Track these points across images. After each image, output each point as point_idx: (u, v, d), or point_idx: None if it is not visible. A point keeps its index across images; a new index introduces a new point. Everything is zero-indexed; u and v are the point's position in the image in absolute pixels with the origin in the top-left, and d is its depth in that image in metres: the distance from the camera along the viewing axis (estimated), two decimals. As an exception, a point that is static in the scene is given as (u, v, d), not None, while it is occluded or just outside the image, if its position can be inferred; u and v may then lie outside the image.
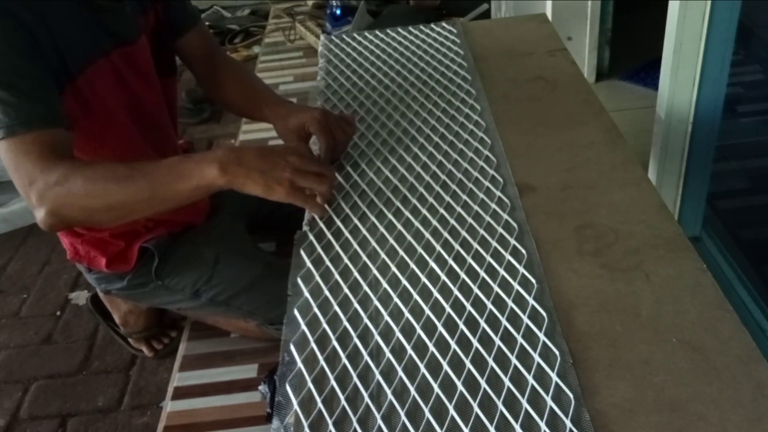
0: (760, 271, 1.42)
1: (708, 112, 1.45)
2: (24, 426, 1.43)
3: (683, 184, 1.57)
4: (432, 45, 1.35)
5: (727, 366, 0.65)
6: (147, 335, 1.52)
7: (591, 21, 2.20)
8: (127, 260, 1.24)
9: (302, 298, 0.79)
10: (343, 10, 2.73)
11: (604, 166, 0.95)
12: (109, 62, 1.06)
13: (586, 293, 0.75)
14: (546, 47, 1.31)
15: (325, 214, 0.92)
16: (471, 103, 1.13)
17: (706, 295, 0.73)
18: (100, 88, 1.05)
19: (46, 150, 0.89)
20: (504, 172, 0.96)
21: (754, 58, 1.63)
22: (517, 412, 0.63)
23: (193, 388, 1.38)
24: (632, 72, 2.35)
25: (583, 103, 1.11)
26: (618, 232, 0.83)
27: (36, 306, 1.75)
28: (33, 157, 0.88)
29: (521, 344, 0.70)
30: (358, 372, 0.69)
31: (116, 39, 1.07)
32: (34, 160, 0.88)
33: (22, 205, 1.99)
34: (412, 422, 0.64)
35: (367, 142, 1.07)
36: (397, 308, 0.76)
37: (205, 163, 0.87)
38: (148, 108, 1.17)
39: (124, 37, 1.08)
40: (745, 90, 1.66)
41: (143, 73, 1.15)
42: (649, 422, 0.61)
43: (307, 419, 0.65)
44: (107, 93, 1.07)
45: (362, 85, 1.24)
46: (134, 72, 1.12)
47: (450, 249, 0.84)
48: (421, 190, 0.95)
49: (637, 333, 0.70)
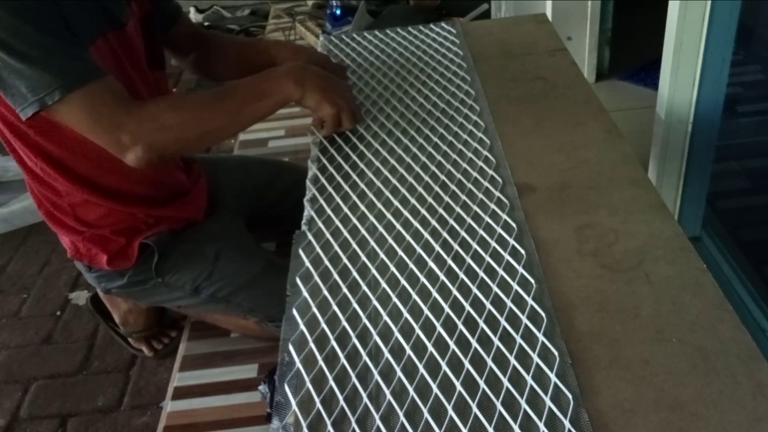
0: (760, 271, 1.42)
1: (708, 112, 1.45)
2: (24, 426, 1.43)
3: (683, 184, 1.56)
4: (432, 45, 1.35)
5: (727, 366, 0.65)
6: (147, 335, 1.52)
7: (591, 21, 2.19)
8: (128, 257, 1.25)
9: (301, 298, 0.79)
10: (343, 10, 2.73)
11: (604, 166, 0.95)
12: (106, 43, 1.07)
13: (586, 293, 0.75)
14: (546, 47, 1.31)
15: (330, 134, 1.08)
16: (470, 104, 1.13)
17: (706, 295, 0.73)
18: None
19: (117, 95, 0.96)
20: (503, 172, 0.96)
21: (754, 58, 1.63)
22: (515, 413, 0.63)
23: (193, 388, 1.38)
24: (632, 72, 2.35)
25: (583, 103, 1.11)
26: (618, 232, 0.83)
27: (36, 306, 1.75)
28: (110, 102, 0.94)
29: (520, 344, 0.70)
30: (357, 372, 0.69)
31: (111, 21, 1.08)
32: (113, 105, 0.95)
33: (22, 205, 1.99)
34: (411, 423, 0.64)
35: (366, 142, 1.07)
36: (396, 308, 0.76)
37: (282, 79, 1.01)
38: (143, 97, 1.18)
39: (117, 18, 1.10)
40: (745, 90, 1.66)
41: (135, 59, 1.16)
42: (649, 422, 0.61)
43: (306, 419, 0.65)
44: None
45: (362, 85, 1.24)
46: (127, 57, 1.13)
47: (449, 249, 0.84)
48: (420, 190, 0.95)
49: (637, 333, 0.70)
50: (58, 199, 1.18)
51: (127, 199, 1.20)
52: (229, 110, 1.01)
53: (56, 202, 1.18)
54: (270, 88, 1.01)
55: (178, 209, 1.29)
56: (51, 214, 1.21)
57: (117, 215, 1.21)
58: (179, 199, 1.30)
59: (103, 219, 1.20)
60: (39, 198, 1.20)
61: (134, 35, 1.15)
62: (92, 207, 1.18)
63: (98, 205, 1.18)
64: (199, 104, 1.00)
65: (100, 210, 1.19)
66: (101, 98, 0.94)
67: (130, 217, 1.22)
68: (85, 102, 0.93)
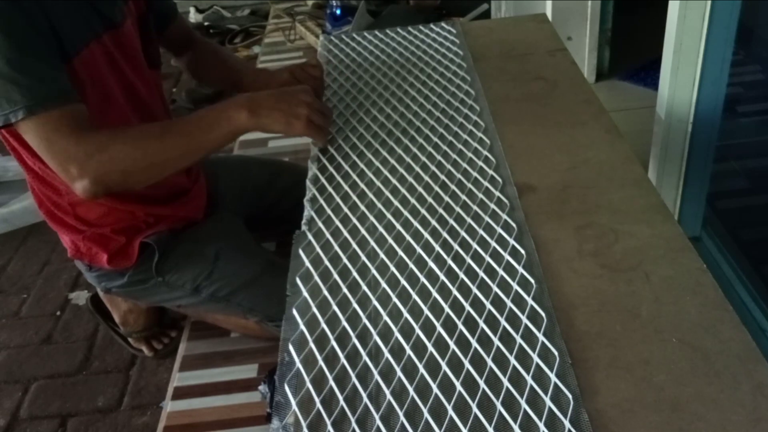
0: (760, 271, 1.41)
1: (708, 112, 1.45)
2: (24, 426, 1.43)
3: (683, 184, 1.56)
4: (432, 45, 1.35)
5: (727, 366, 0.65)
6: (147, 335, 1.52)
7: (591, 21, 2.19)
8: (128, 256, 1.25)
9: (301, 298, 0.79)
10: (343, 10, 2.73)
11: (604, 166, 0.95)
12: (101, 45, 1.07)
13: (586, 293, 0.75)
14: (546, 47, 1.31)
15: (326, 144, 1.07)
16: (470, 104, 1.13)
17: (706, 295, 0.73)
18: (95, 70, 1.06)
19: (74, 123, 0.95)
20: (503, 172, 0.96)
21: (754, 58, 1.63)
22: (515, 413, 0.63)
23: (193, 388, 1.38)
24: (632, 72, 2.35)
25: (583, 103, 1.11)
26: (618, 232, 0.83)
27: (36, 306, 1.74)
28: (64, 131, 0.93)
29: (520, 345, 0.70)
30: (357, 372, 0.69)
31: (105, 22, 1.08)
32: (66, 134, 0.93)
33: (22, 205, 1.99)
34: (410, 423, 0.64)
35: (366, 143, 1.07)
36: (396, 308, 0.76)
37: (232, 110, 0.98)
38: (142, 96, 1.19)
39: (111, 19, 1.10)
40: (745, 90, 1.66)
41: (132, 58, 1.16)
42: (649, 422, 0.61)
43: (306, 419, 0.65)
44: (102, 76, 1.08)
45: (362, 85, 1.24)
46: (124, 57, 1.13)
47: (449, 249, 0.84)
48: (420, 190, 0.95)
49: (637, 333, 0.70)
50: (58, 197, 1.18)
51: (127, 198, 1.20)
52: (178, 142, 0.99)
53: (57, 201, 1.19)
54: (220, 118, 0.98)
55: (177, 208, 1.29)
56: (52, 213, 1.21)
57: (117, 214, 1.21)
58: (179, 199, 1.30)
59: (103, 218, 1.21)
60: (40, 197, 1.20)
61: (132, 34, 1.15)
62: (92, 205, 1.18)
63: (98, 203, 1.18)
64: (148, 135, 0.99)
65: (100, 209, 1.19)
66: (56, 126, 0.94)
67: (129, 215, 1.22)
68: (40, 128, 0.94)
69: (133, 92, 1.16)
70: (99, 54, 1.06)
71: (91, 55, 1.04)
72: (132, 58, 1.15)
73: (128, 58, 1.14)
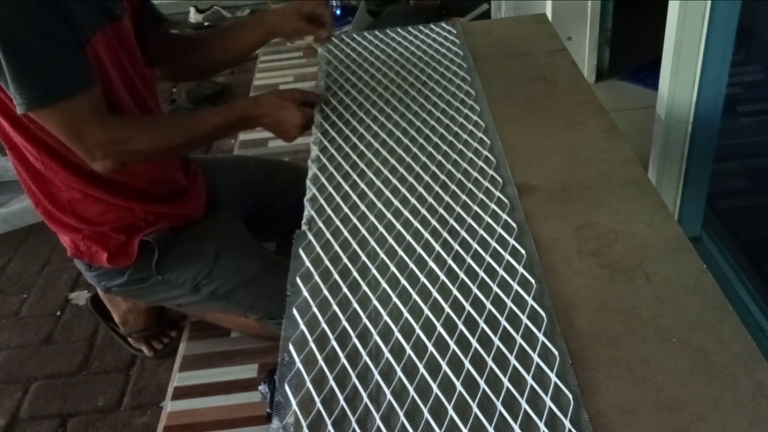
0: (760, 271, 1.41)
1: (708, 112, 1.45)
2: (24, 426, 1.43)
3: (683, 184, 1.56)
4: (432, 45, 1.35)
5: (727, 366, 0.65)
6: (147, 335, 1.52)
7: (591, 21, 2.19)
8: (128, 254, 1.25)
9: (301, 298, 0.79)
10: (343, 10, 2.73)
11: (604, 166, 0.95)
12: (104, 36, 1.08)
13: (586, 293, 0.75)
14: (546, 47, 1.31)
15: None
16: (470, 104, 1.13)
17: (706, 295, 0.73)
18: (100, 60, 1.07)
19: (99, 107, 1.03)
20: (503, 172, 0.96)
21: (754, 58, 1.63)
22: (516, 413, 0.63)
23: (193, 388, 1.38)
24: (632, 72, 2.34)
25: (583, 103, 1.11)
26: (618, 232, 0.83)
27: (36, 306, 1.74)
28: (89, 117, 1.01)
29: (520, 344, 0.70)
30: (358, 372, 0.69)
31: (108, 13, 1.10)
32: (91, 120, 1.01)
33: (22, 206, 1.99)
34: (411, 423, 0.64)
35: (366, 142, 1.07)
36: (397, 308, 0.76)
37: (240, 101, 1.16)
38: (140, 91, 1.19)
39: (112, 11, 1.11)
40: (745, 90, 1.66)
41: (131, 53, 1.17)
42: (649, 422, 0.61)
43: (307, 419, 0.65)
44: (107, 66, 1.09)
45: (362, 85, 1.24)
46: (123, 50, 1.14)
47: (449, 249, 0.84)
48: (420, 189, 0.95)
49: (637, 333, 0.70)
50: (57, 195, 1.18)
51: (126, 194, 1.20)
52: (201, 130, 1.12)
53: (55, 200, 1.19)
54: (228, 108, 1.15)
55: (177, 207, 1.30)
56: (50, 212, 1.21)
57: (116, 212, 1.21)
58: (178, 198, 1.30)
59: (102, 216, 1.21)
60: (37, 196, 1.20)
61: (130, 30, 1.17)
62: (91, 203, 1.19)
63: (97, 200, 1.18)
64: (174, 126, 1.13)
65: (99, 206, 1.19)
66: (80, 113, 1.00)
67: (129, 213, 1.23)
68: (64, 115, 1.00)
69: (133, 86, 1.17)
70: (103, 45, 1.08)
71: (99, 44, 1.06)
72: (131, 53, 1.16)
73: (127, 52, 1.15)
